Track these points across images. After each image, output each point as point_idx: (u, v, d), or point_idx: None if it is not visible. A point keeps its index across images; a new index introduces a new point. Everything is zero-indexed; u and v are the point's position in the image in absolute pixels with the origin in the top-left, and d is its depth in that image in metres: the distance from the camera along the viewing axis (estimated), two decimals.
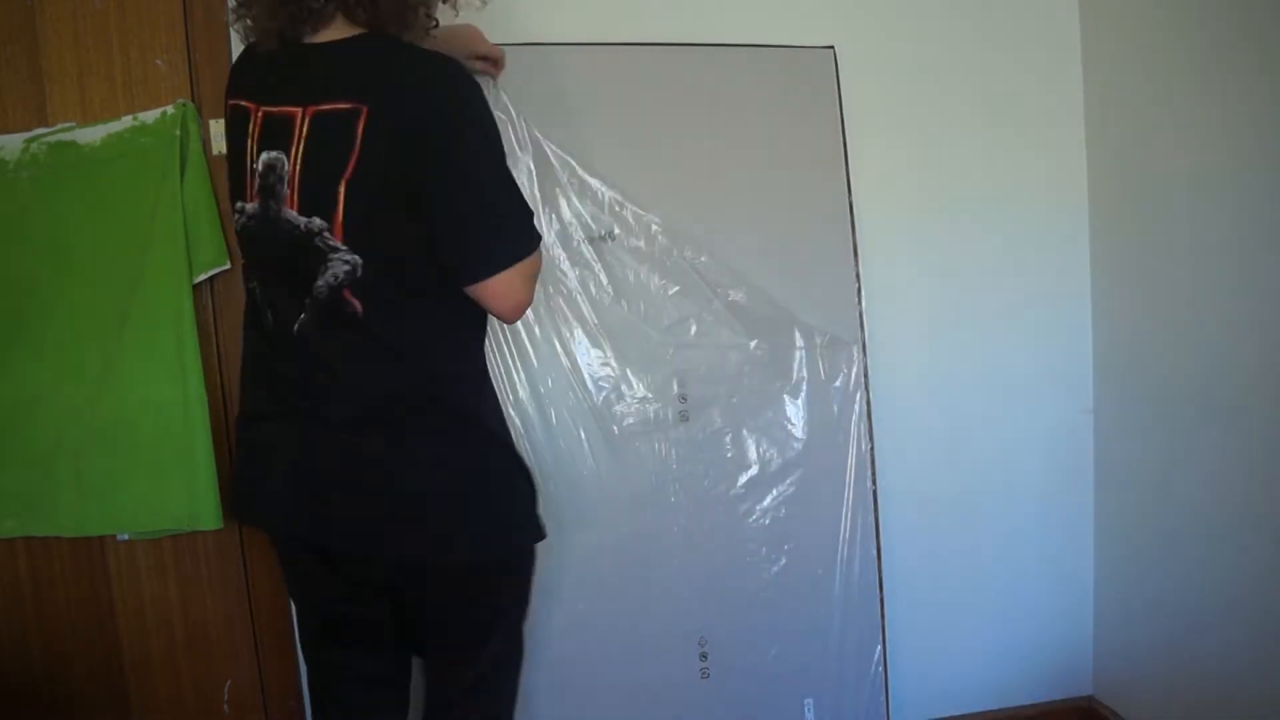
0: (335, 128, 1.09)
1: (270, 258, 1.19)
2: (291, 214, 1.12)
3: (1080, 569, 1.95)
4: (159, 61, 1.62)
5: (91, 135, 1.58)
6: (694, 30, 1.72)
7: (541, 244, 1.18)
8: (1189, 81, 1.60)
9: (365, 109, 1.07)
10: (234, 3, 1.18)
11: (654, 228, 1.66)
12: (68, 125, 1.59)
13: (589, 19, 1.69)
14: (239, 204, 1.19)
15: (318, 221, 1.11)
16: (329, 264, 1.11)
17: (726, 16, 1.74)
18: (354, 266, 1.10)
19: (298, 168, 1.11)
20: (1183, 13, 1.61)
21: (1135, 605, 1.83)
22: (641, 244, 1.67)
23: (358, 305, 1.11)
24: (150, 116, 1.59)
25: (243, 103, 1.17)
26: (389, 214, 1.10)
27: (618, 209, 1.66)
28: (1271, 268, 1.44)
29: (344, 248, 1.10)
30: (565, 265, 1.64)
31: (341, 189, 1.08)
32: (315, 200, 1.11)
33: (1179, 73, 1.63)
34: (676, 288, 1.68)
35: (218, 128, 1.62)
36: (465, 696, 1.32)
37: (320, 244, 1.11)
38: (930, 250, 1.85)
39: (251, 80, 1.19)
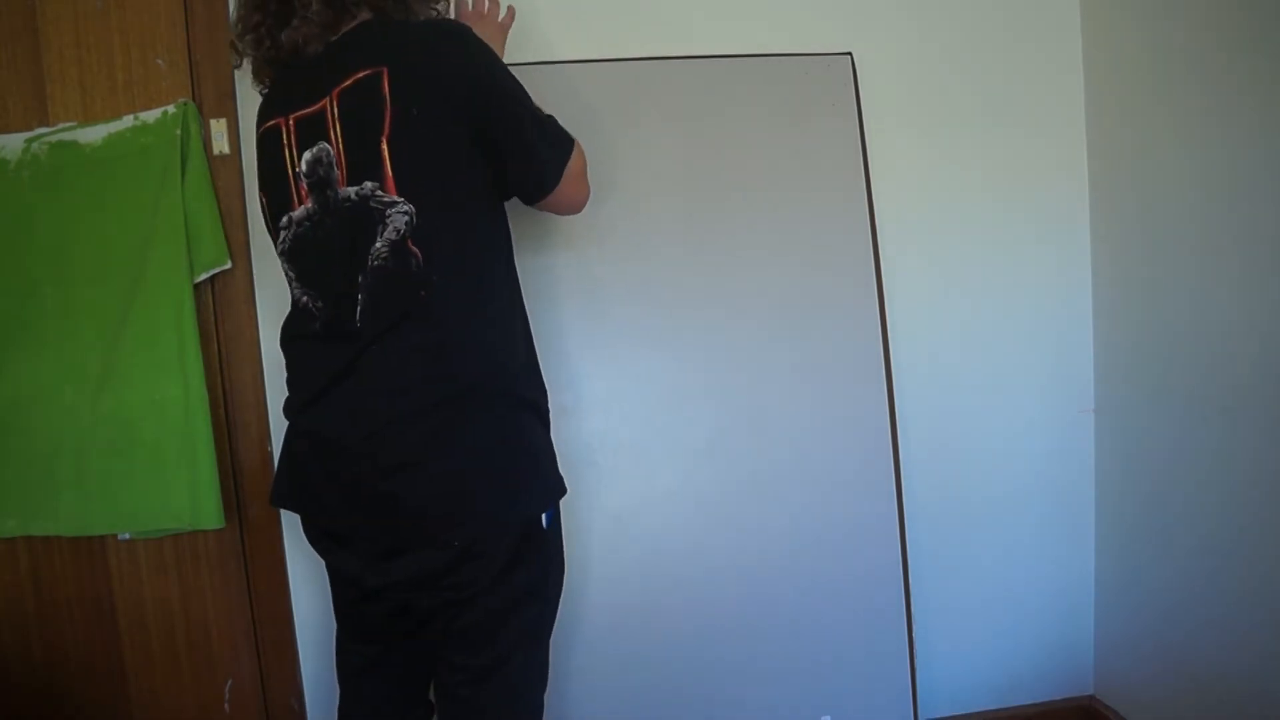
0: (363, 95, 1.13)
1: (326, 254, 1.20)
2: (345, 190, 1.16)
3: (1081, 568, 1.95)
4: (160, 61, 1.62)
5: (92, 135, 1.59)
6: (714, 43, 1.74)
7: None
8: (1189, 81, 1.60)
9: (385, 69, 1.13)
10: (247, 29, 1.23)
11: None
12: (69, 125, 1.60)
13: (610, 37, 1.71)
14: (285, 218, 1.22)
15: (369, 185, 1.14)
16: (388, 220, 1.14)
17: (746, 28, 1.76)
18: (410, 215, 1.13)
19: (341, 148, 1.15)
20: (1183, 13, 1.61)
21: (1137, 604, 1.83)
22: None
23: (419, 253, 1.15)
24: (151, 116, 1.59)
25: (273, 122, 1.22)
26: (434, 159, 1.15)
27: None
28: (1273, 267, 1.45)
29: (400, 199, 1.13)
30: None
31: (384, 147, 1.12)
32: (362, 168, 1.14)
33: (1179, 72, 1.63)
34: None
35: (219, 127, 1.62)
36: None
37: (376, 204, 1.14)
38: (932, 250, 1.85)
39: (278, 98, 1.24)
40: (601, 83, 1.68)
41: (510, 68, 1.61)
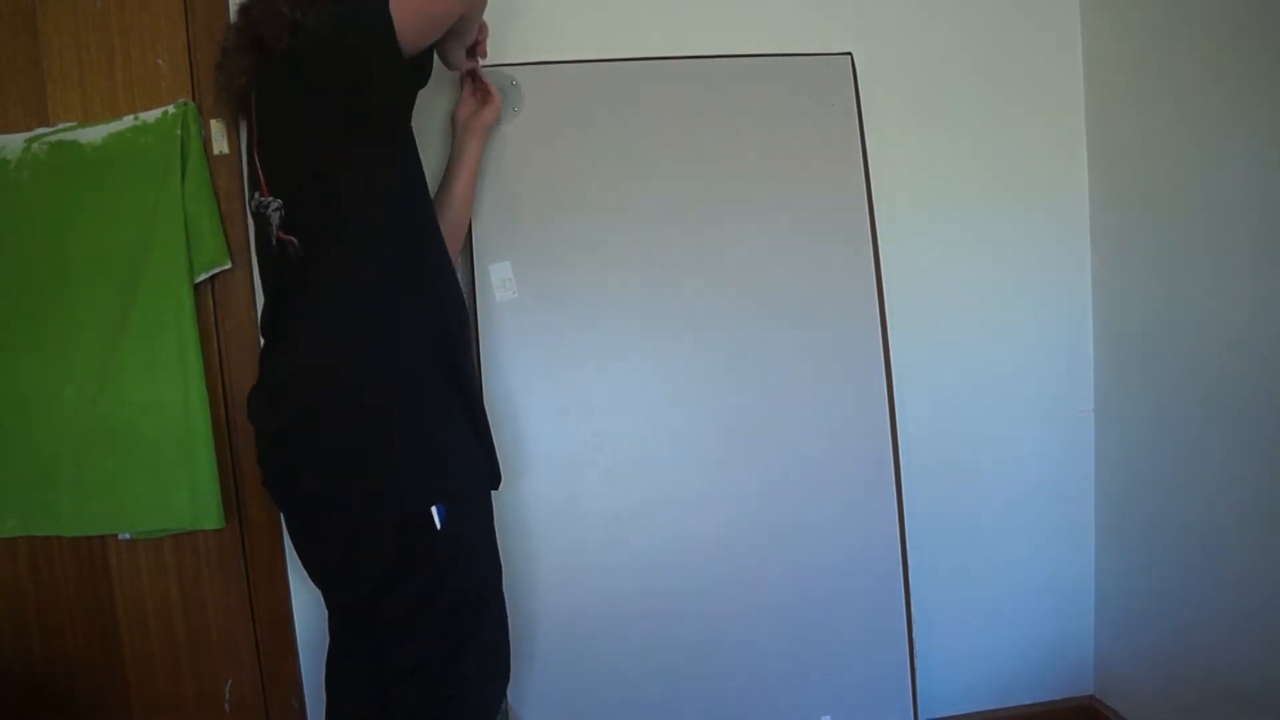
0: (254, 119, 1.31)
1: (260, 262, 1.37)
2: (251, 204, 1.32)
3: (1081, 568, 1.95)
4: (160, 61, 1.62)
5: (93, 135, 1.59)
6: (715, 42, 1.74)
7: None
8: (1189, 84, 1.60)
9: (254, 94, 1.29)
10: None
11: None
12: (69, 125, 1.60)
13: (610, 37, 1.71)
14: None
15: (257, 195, 1.28)
16: (270, 219, 1.25)
17: (746, 28, 1.76)
18: (280, 208, 1.24)
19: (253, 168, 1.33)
20: (1183, 16, 1.61)
21: (1136, 604, 1.83)
22: None
23: (294, 240, 1.23)
24: (151, 116, 1.59)
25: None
26: (288, 151, 1.25)
27: None
28: (1271, 266, 1.45)
29: (271, 198, 1.25)
30: None
31: (256, 157, 1.27)
32: (254, 181, 1.29)
33: (1179, 75, 1.63)
34: None
35: (219, 127, 1.62)
36: None
37: (265, 210, 1.26)
38: (932, 250, 1.85)
39: None
40: (602, 83, 1.68)
41: (511, 68, 1.64)
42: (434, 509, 1.24)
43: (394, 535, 1.24)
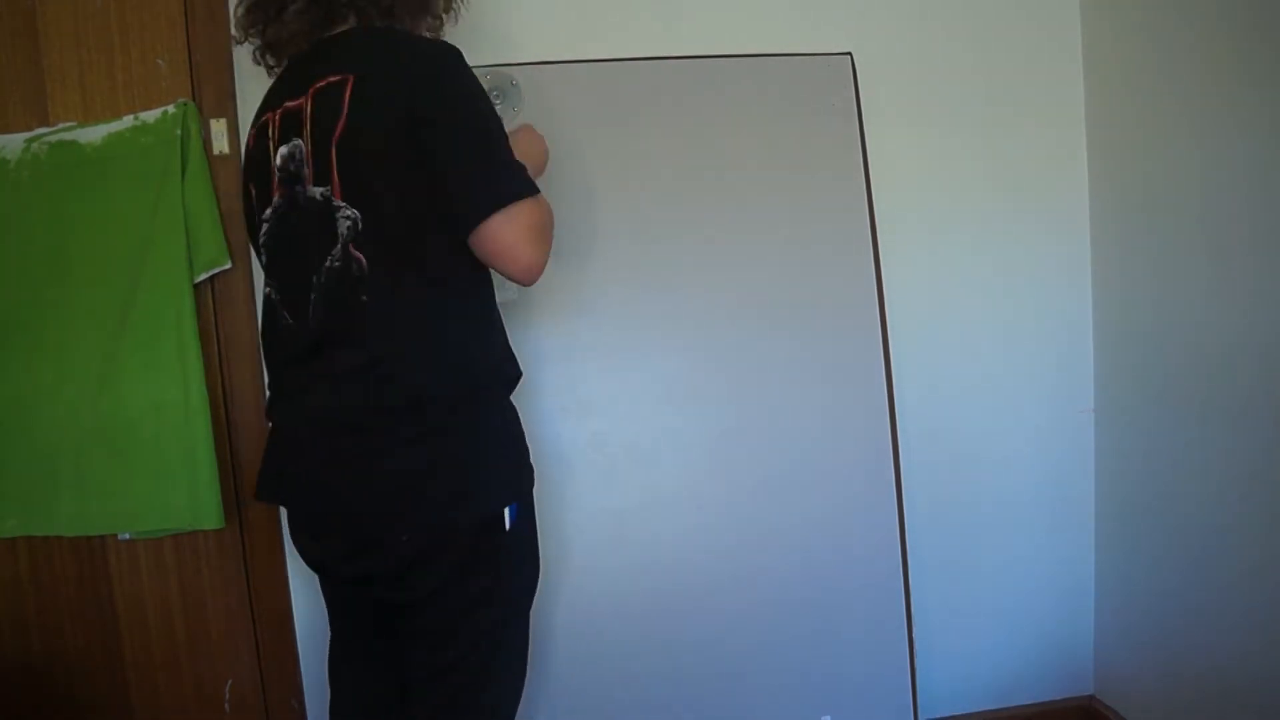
0: (330, 98, 1.15)
1: (290, 249, 1.23)
2: (312, 190, 1.18)
3: (1081, 568, 1.95)
4: (160, 61, 1.62)
5: (93, 135, 1.59)
6: (715, 42, 1.74)
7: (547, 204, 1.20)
8: (1189, 83, 1.60)
9: (352, 77, 1.14)
10: (255, 26, 1.28)
11: None
12: (69, 125, 1.60)
13: (610, 37, 1.71)
14: (265, 212, 1.24)
15: (326, 189, 1.16)
16: (338, 223, 1.16)
17: (746, 28, 1.76)
18: (355, 220, 1.15)
19: (309, 148, 1.17)
20: (1184, 16, 1.61)
21: (1136, 604, 1.83)
22: None
23: (361, 258, 1.15)
24: (151, 116, 1.59)
25: (265, 116, 1.25)
26: (379, 171, 1.15)
27: None
28: (1271, 266, 1.45)
29: (344, 204, 1.15)
30: None
31: (334, 153, 1.14)
32: (322, 171, 1.16)
33: (1179, 75, 1.63)
34: None
35: (218, 127, 1.62)
36: None
37: (330, 208, 1.16)
38: (932, 250, 1.86)
39: (273, 93, 1.27)
40: (602, 83, 1.68)
41: (511, 68, 1.63)
42: (507, 509, 1.22)
43: (468, 538, 1.21)
